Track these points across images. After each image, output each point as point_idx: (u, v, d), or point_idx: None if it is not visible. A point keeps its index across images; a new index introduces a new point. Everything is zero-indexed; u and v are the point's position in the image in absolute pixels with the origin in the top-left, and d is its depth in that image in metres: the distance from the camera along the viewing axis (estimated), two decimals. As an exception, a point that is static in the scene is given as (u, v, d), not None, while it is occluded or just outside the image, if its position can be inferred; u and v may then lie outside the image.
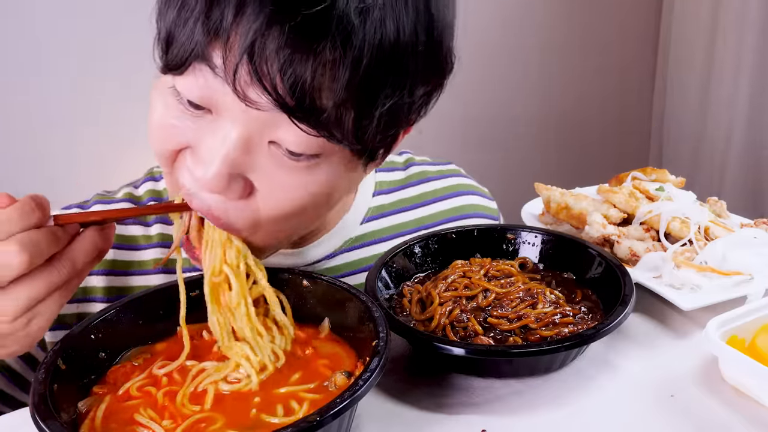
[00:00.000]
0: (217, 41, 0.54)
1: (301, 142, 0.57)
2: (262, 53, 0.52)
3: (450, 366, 0.65)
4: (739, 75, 2.52)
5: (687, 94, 2.79)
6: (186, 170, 0.62)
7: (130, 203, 0.86)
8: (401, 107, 0.60)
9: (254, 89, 0.54)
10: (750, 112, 2.52)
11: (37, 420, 0.47)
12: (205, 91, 0.57)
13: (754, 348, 0.61)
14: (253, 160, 0.59)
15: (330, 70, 0.54)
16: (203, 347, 0.62)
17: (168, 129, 0.61)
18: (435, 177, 0.97)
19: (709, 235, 0.81)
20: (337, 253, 0.86)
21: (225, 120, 0.58)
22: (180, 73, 0.57)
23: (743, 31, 2.47)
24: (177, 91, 0.59)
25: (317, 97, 0.55)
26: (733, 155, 2.60)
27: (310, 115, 0.55)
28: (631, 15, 2.91)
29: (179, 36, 0.55)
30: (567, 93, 2.87)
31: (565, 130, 2.92)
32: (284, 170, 0.60)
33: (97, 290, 0.80)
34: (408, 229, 0.91)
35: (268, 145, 0.59)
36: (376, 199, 0.91)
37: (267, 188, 0.61)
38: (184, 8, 0.55)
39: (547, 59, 2.77)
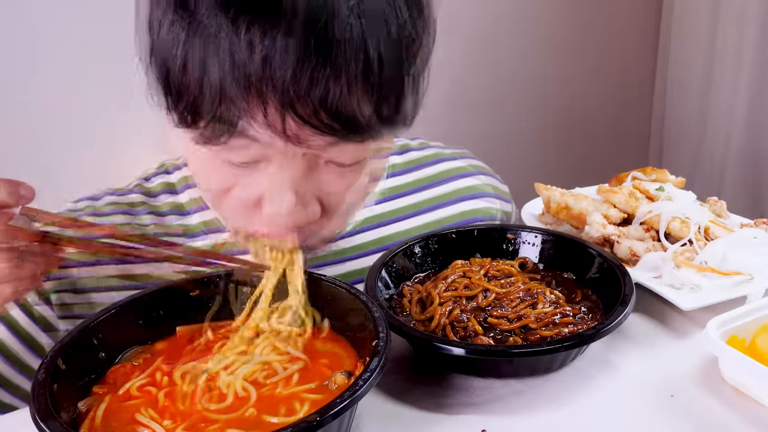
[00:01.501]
0: (252, 102, 0.54)
1: (353, 155, 0.62)
2: (299, 96, 0.53)
3: (450, 366, 0.65)
4: (740, 75, 2.52)
5: (687, 94, 2.79)
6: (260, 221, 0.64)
7: (141, 195, 0.87)
8: (421, 79, 0.63)
9: (303, 131, 0.56)
10: (750, 112, 2.52)
11: (37, 420, 0.47)
12: (255, 151, 0.58)
13: (754, 348, 0.61)
14: (316, 181, 0.63)
15: (361, 79, 0.55)
16: (203, 347, 0.62)
17: (222, 190, 0.64)
18: (449, 158, 0.98)
19: (709, 235, 0.81)
20: (354, 232, 0.87)
21: (278, 162, 0.60)
22: (223, 144, 0.57)
23: (744, 30, 2.47)
24: (222, 158, 0.60)
25: (358, 110, 0.57)
26: (733, 155, 2.60)
27: (358, 129, 0.57)
28: (631, 15, 2.91)
29: (207, 108, 0.55)
30: (567, 93, 2.87)
31: (564, 130, 2.92)
32: (344, 177, 0.64)
33: (111, 280, 0.81)
34: (424, 207, 0.93)
35: (325, 164, 0.62)
36: (390, 180, 0.92)
37: (335, 197, 0.65)
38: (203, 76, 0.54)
39: (547, 59, 2.77)
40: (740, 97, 2.53)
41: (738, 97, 2.53)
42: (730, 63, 2.55)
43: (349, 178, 0.65)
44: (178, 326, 0.64)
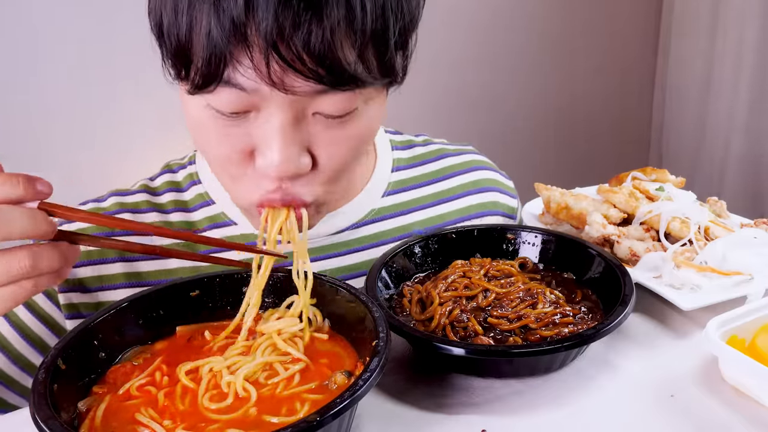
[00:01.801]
0: (239, 46, 0.56)
1: (340, 106, 0.63)
2: (283, 38, 0.55)
3: (450, 366, 0.65)
4: (740, 75, 2.52)
5: (687, 94, 2.79)
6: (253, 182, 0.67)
7: (146, 194, 0.88)
8: (408, 27, 0.64)
9: (288, 75, 0.57)
10: (750, 112, 2.52)
11: (37, 420, 0.47)
12: (243, 98, 0.60)
13: (754, 348, 0.61)
14: (305, 132, 0.64)
15: (345, 23, 0.57)
16: (203, 347, 0.62)
17: (218, 145, 0.66)
18: (453, 153, 0.99)
19: (709, 235, 0.81)
20: (361, 224, 0.88)
21: (269, 111, 0.62)
22: (211, 91, 0.60)
23: (743, 30, 2.47)
24: (213, 108, 0.62)
25: (342, 55, 0.58)
26: (733, 155, 2.60)
27: (343, 76, 0.59)
28: (631, 15, 2.91)
29: (197, 53, 0.58)
30: (567, 93, 2.87)
31: (564, 130, 2.92)
32: (333, 129, 0.65)
33: (118, 277, 0.83)
34: (429, 202, 0.94)
35: (313, 115, 0.64)
36: (395, 175, 0.93)
37: (324, 150, 0.66)
38: (191, 24, 0.57)
39: (547, 59, 2.77)
40: (740, 97, 2.53)
41: (738, 97, 2.54)
42: (730, 64, 2.55)
43: (339, 131, 0.66)
44: (178, 326, 0.64)
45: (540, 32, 2.72)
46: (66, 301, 0.81)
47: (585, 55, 2.84)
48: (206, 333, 0.64)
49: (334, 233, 0.86)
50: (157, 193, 0.88)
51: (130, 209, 0.86)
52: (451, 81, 2.45)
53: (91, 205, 0.87)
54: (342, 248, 0.87)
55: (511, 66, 2.70)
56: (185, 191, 0.88)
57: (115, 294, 0.82)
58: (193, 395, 0.55)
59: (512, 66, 2.70)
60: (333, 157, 0.67)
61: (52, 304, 0.82)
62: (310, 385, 0.56)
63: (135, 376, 0.58)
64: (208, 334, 0.63)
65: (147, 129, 2.02)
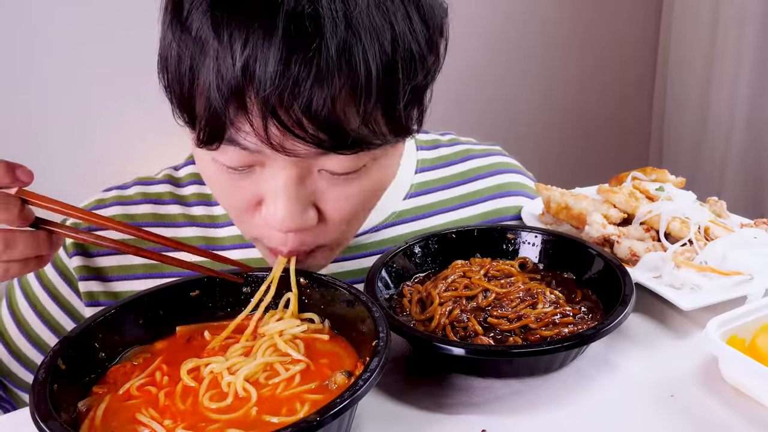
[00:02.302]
0: (238, 112, 0.55)
1: (346, 165, 0.61)
2: (282, 104, 0.54)
3: (450, 366, 0.65)
4: (740, 74, 2.51)
5: (687, 94, 2.79)
6: (262, 229, 0.66)
7: (169, 185, 0.88)
8: (420, 85, 0.62)
9: (288, 140, 0.56)
10: (750, 112, 2.52)
11: (37, 420, 0.47)
12: (247, 157, 0.60)
13: (754, 348, 0.61)
14: (311, 188, 0.63)
15: (347, 89, 0.55)
16: (203, 347, 0.62)
17: (225, 194, 0.66)
18: (479, 155, 0.98)
19: (709, 235, 0.81)
20: (380, 227, 0.87)
21: (272, 169, 0.61)
22: (215, 149, 0.59)
23: (743, 29, 2.47)
24: (219, 162, 0.62)
25: (345, 121, 0.56)
26: (733, 155, 2.60)
27: (346, 140, 0.57)
28: (631, 14, 2.91)
29: (200, 114, 0.58)
30: (566, 93, 2.87)
31: (564, 130, 2.92)
32: (341, 186, 0.64)
33: (139, 268, 0.83)
34: (452, 205, 0.92)
35: (318, 172, 0.62)
36: (419, 176, 0.92)
37: (332, 205, 0.65)
38: (192, 87, 0.57)
39: (547, 59, 2.77)
40: (740, 96, 2.53)
41: (738, 96, 2.53)
42: (730, 62, 2.55)
43: (346, 188, 0.65)
44: (178, 326, 0.64)
45: (543, 33, 2.72)
46: (85, 289, 0.81)
47: (584, 55, 2.84)
48: (206, 333, 0.64)
49: (356, 235, 0.85)
50: (181, 185, 0.89)
51: (153, 200, 0.87)
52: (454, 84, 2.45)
53: (114, 192, 0.88)
54: (361, 251, 0.86)
55: (514, 69, 2.70)
56: None
57: (135, 284, 0.82)
58: (193, 395, 0.55)
59: (515, 69, 2.70)
60: (340, 211, 0.66)
61: (71, 291, 0.82)
62: (310, 385, 0.56)
63: (135, 375, 0.58)
64: (208, 334, 0.63)
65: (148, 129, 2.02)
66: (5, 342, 0.83)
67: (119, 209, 0.85)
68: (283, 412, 0.53)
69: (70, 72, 1.90)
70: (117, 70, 1.92)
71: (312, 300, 0.65)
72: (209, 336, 0.63)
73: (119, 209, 0.85)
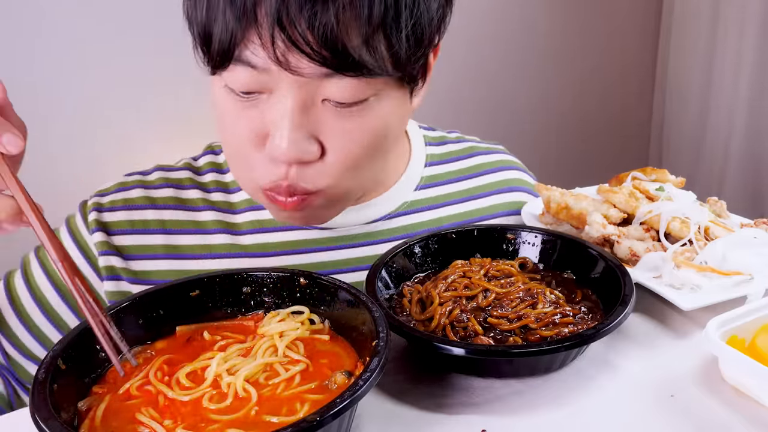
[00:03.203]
0: (249, 25, 0.61)
1: (349, 93, 0.65)
2: (289, 18, 0.59)
3: (450, 366, 0.65)
4: (740, 75, 2.52)
5: (687, 94, 2.79)
6: (263, 168, 0.70)
7: (189, 171, 0.92)
8: (423, 25, 0.66)
9: (293, 55, 0.61)
10: (750, 113, 2.52)
11: (37, 420, 0.47)
12: (253, 76, 0.64)
13: (754, 348, 0.61)
14: (314, 119, 0.67)
15: (351, 9, 0.60)
16: (203, 347, 0.62)
17: (235, 126, 0.70)
18: (484, 152, 1.02)
19: (709, 235, 0.81)
20: (394, 215, 0.91)
21: (278, 94, 0.65)
22: (226, 67, 0.65)
23: (744, 30, 2.47)
24: (230, 88, 0.67)
25: (347, 39, 0.61)
26: (733, 155, 2.60)
27: (347, 60, 0.62)
28: (631, 15, 2.91)
29: (215, 33, 0.63)
30: (567, 93, 2.87)
31: (565, 131, 2.92)
32: (343, 120, 0.68)
33: (158, 248, 0.86)
34: (458, 198, 0.97)
35: (322, 103, 0.66)
36: (428, 169, 0.96)
37: (334, 141, 0.69)
38: (210, 8, 0.62)
39: (547, 59, 2.77)
40: (740, 97, 2.53)
41: (738, 97, 2.54)
42: (730, 63, 2.55)
43: (348, 122, 0.68)
44: (178, 326, 0.64)
45: (542, 34, 2.72)
46: (105, 263, 0.84)
47: (584, 56, 2.84)
48: (205, 333, 0.64)
49: (366, 223, 0.89)
50: (201, 173, 0.92)
51: (174, 184, 0.90)
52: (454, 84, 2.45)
53: (136, 177, 0.91)
54: (375, 237, 0.89)
55: (515, 69, 2.70)
56: (226, 173, 0.91)
57: (154, 264, 0.85)
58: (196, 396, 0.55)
59: (515, 69, 2.70)
60: (342, 149, 0.69)
61: (90, 269, 0.85)
62: (310, 385, 0.56)
63: (135, 375, 0.58)
64: (207, 334, 0.63)
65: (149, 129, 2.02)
66: (18, 311, 0.84)
67: (141, 191, 0.88)
68: (283, 412, 0.53)
69: (70, 71, 1.90)
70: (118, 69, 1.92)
71: (312, 300, 0.65)
72: (209, 336, 0.63)
73: (141, 191, 0.88)
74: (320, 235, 0.88)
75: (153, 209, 0.87)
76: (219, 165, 0.92)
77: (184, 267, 0.86)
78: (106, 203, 0.86)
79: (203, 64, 0.67)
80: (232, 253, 0.86)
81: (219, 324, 0.66)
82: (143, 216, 0.86)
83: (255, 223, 0.88)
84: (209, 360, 0.58)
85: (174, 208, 0.88)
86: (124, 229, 0.85)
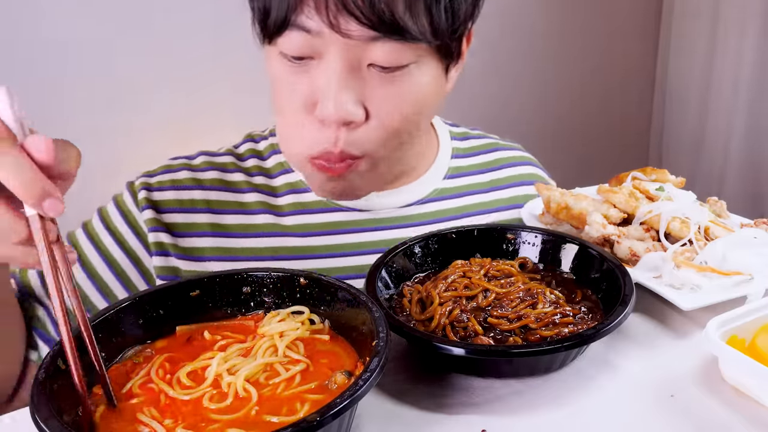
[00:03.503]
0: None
1: (393, 57, 0.73)
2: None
3: (450, 366, 0.65)
4: (740, 75, 2.52)
5: (687, 94, 2.79)
6: (313, 134, 0.78)
7: (232, 157, 0.98)
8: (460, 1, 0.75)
9: (343, 18, 0.69)
10: (750, 112, 2.52)
11: (37, 420, 0.47)
12: (306, 40, 0.72)
13: (754, 348, 0.61)
14: (361, 84, 0.75)
15: None
16: (204, 347, 0.62)
17: (290, 93, 0.77)
18: (504, 148, 1.11)
19: (709, 235, 0.81)
20: (426, 200, 0.99)
21: (328, 58, 0.73)
22: (281, 33, 0.73)
23: (744, 31, 2.47)
24: (283, 54, 0.75)
25: (393, 5, 0.69)
26: (733, 155, 2.60)
27: (392, 25, 0.70)
28: (631, 16, 2.91)
29: (274, 5, 0.72)
30: (567, 93, 2.87)
31: (565, 131, 2.92)
32: (386, 85, 0.76)
33: (204, 226, 0.91)
34: (482, 189, 1.04)
35: (368, 68, 0.75)
36: (454, 161, 1.04)
37: (377, 105, 0.77)
38: None
39: (547, 60, 2.77)
40: (740, 97, 2.53)
41: (738, 97, 2.53)
42: (731, 63, 2.55)
43: (391, 88, 0.76)
44: (177, 326, 0.64)
45: (542, 34, 2.72)
46: (155, 240, 0.89)
47: (584, 57, 2.84)
48: (206, 333, 0.64)
49: (401, 206, 0.96)
50: (242, 159, 0.98)
51: (219, 167, 0.96)
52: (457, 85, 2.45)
53: (182, 160, 0.97)
54: (409, 221, 0.96)
55: (515, 69, 2.70)
56: (266, 159, 0.97)
57: (201, 241, 0.91)
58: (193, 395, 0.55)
59: (515, 69, 2.70)
60: (385, 113, 0.77)
61: (139, 244, 0.90)
62: (310, 385, 0.56)
63: (135, 375, 0.58)
64: (208, 334, 0.63)
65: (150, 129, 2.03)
66: None
67: (188, 173, 0.94)
68: (284, 412, 0.53)
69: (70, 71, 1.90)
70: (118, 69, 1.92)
71: (312, 300, 0.65)
72: (209, 336, 0.63)
73: (188, 173, 0.94)
74: (359, 216, 0.94)
75: (200, 189, 0.93)
76: (259, 152, 0.98)
77: (229, 245, 0.91)
78: (155, 183, 0.92)
79: (260, 35, 0.77)
80: (273, 232, 0.92)
81: (219, 324, 0.66)
82: (191, 196, 0.92)
83: (297, 205, 0.94)
84: (209, 360, 0.58)
85: (219, 189, 0.93)
86: (173, 207, 0.91)
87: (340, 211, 0.94)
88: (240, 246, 0.91)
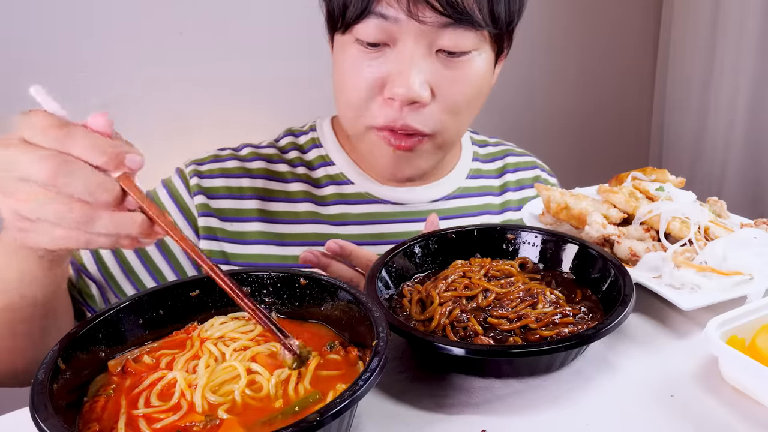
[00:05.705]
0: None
1: (458, 42, 0.83)
2: None
3: (450, 366, 0.65)
4: (739, 75, 2.51)
5: (687, 94, 2.78)
6: (379, 110, 0.87)
7: (275, 149, 1.06)
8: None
9: (419, 5, 0.79)
10: (750, 112, 2.52)
11: (37, 420, 0.47)
12: (383, 27, 0.81)
13: (754, 348, 0.61)
14: (429, 68, 0.84)
15: None
16: (145, 371, 0.60)
17: (358, 74, 0.85)
18: (518, 154, 1.22)
19: (709, 235, 0.81)
20: (451, 197, 1.09)
21: (402, 44, 0.83)
22: (360, 20, 0.81)
23: (743, 30, 2.47)
24: (359, 40, 0.84)
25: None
26: (733, 155, 2.60)
27: (462, 13, 0.80)
28: (631, 15, 2.91)
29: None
30: (567, 93, 2.87)
31: (564, 131, 2.92)
32: (451, 70, 0.86)
33: (252, 211, 0.99)
34: (497, 191, 1.15)
35: (436, 54, 0.84)
36: (474, 164, 1.15)
37: (442, 87, 0.86)
38: None
39: (546, 60, 2.77)
40: (740, 96, 2.52)
41: (738, 96, 2.53)
42: (730, 62, 2.54)
43: (455, 71, 0.85)
44: (177, 326, 0.64)
45: (542, 34, 2.72)
46: (204, 224, 0.96)
47: (584, 56, 2.84)
48: (145, 357, 0.60)
49: (430, 201, 1.06)
50: (284, 151, 1.05)
51: (265, 158, 1.03)
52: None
53: (229, 151, 1.04)
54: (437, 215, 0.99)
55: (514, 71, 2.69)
56: (307, 152, 1.05)
57: (248, 226, 0.98)
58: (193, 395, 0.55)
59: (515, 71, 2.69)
60: (449, 95, 0.86)
61: (188, 225, 0.97)
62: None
63: (135, 374, 0.58)
64: (148, 357, 0.60)
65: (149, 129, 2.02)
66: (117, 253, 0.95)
67: (237, 163, 1.01)
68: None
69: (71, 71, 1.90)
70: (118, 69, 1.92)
71: (312, 300, 0.65)
72: (150, 359, 0.59)
73: (237, 163, 1.01)
74: (393, 209, 1.04)
75: (248, 178, 1.00)
76: (300, 146, 1.06)
77: (274, 230, 0.98)
78: (205, 171, 0.99)
79: (336, 26, 0.86)
80: (315, 220, 1.00)
81: (150, 347, 0.62)
82: (239, 183, 0.99)
83: (337, 196, 1.02)
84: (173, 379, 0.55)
85: (266, 178, 1.01)
86: (223, 194, 0.98)
87: (377, 203, 1.03)
88: (285, 231, 0.98)
